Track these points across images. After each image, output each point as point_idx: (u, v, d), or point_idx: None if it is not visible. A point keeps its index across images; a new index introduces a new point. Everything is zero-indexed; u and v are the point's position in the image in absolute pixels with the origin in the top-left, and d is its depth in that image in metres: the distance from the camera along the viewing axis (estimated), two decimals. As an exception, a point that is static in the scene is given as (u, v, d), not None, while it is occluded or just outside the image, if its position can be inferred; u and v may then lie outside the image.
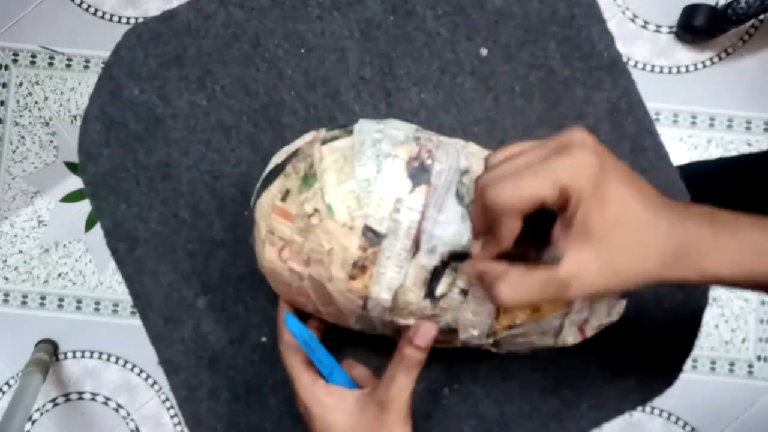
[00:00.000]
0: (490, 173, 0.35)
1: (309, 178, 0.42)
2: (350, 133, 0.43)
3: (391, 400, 0.42)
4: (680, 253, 0.34)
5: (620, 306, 0.45)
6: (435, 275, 0.40)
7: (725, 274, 0.35)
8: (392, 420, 0.42)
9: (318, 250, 0.41)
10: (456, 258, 0.40)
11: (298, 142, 0.46)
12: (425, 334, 0.42)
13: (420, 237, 0.40)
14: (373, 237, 0.40)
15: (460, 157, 0.42)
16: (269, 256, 0.44)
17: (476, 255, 0.39)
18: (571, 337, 0.44)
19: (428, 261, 0.40)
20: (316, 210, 0.41)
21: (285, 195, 0.43)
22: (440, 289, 0.41)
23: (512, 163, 0.35)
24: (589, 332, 0.45)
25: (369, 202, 0.40)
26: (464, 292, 0.41)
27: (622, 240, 0.34)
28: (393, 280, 0.40)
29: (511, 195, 0.33)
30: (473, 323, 0.42)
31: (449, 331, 0.43)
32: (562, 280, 0.34)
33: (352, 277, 0.41)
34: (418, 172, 0.40)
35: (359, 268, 0.40)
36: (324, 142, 0.43)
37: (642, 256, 0.34)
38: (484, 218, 0.36)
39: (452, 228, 0.40)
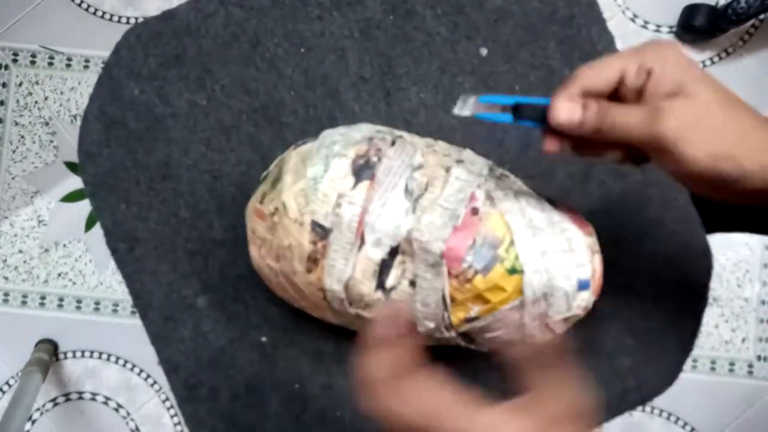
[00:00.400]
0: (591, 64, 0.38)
1: (276, 180, 0.45)
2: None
3: (579, 406, 0.32)
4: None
5: (582, 299, 0.44)
6: (383, 267, 0.43)
7: None
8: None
9: (282, 245, 0.44)
10: (397, 252, 0.42)
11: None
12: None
13: (363, 230, 0.42)
14: (320, 231, 0.43)
15: (415, 154, 0.44)
16: (253, 254, 0.48)
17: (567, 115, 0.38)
18: (538, 333, 0.45)
19: (374, 253, 0.42)
20: (276, 209, 0.44)
21: (262, 197, 0.46)
22: (390, 281, 0.43)
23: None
24: (557, 328, 0.45)
25: (315, 199, 0.43)
26: (413, 283, 0.43)
27: (722, 121, 0.36)
28: (342, 272, 0.43)
29: (600, 66, 0.37)
30: (425, 315, 0.43)
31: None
32: (667, 132, 0.35)
33: (308, 270, 0.44)
34: (362, 169, 0.43)
35: (312, 261, 0.43)
36: (296, 146, 0.47)
37: (748, 145, 0.35)
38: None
39: (394, 221, 0.42)
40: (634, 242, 0.55)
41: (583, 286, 0.44)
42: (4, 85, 1.31)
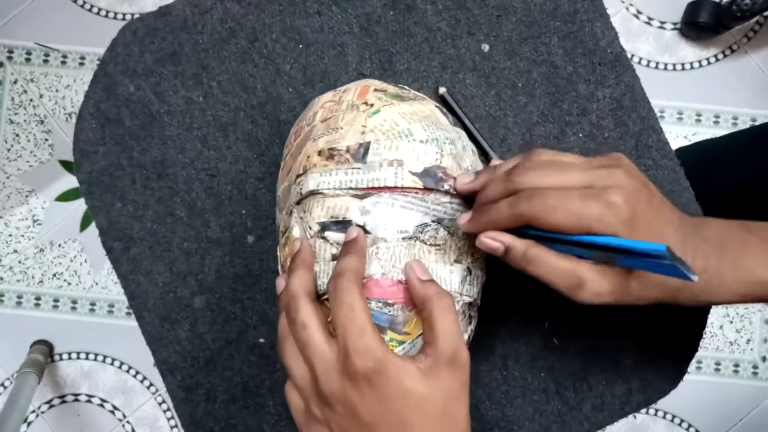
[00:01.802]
0: (531, 180, 0.38)
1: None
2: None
3: (458, 351, 0.37)
4: (684, 284, 0.39)
5: None
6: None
7: (721, 301, 0.41)
8: (465, 373, 0.38)
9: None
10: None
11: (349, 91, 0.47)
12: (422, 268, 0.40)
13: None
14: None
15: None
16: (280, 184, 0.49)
17: (465, 225, 0.41)
18: None
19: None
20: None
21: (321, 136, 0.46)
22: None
23: (553, 180, 0.38)
24: None
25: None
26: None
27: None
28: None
29: (537, 216, 0.36)
30: None
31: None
32: (580, 278, 0.38)
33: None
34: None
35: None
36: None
37: (656, 286, 0.39)
38: (499, 199, 0.39)
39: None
40: (639, 241, 0.54)
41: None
42: (-1, 83, 1.30)
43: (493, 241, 0.39)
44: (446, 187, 0.42)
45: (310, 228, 0.42)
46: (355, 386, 0.35)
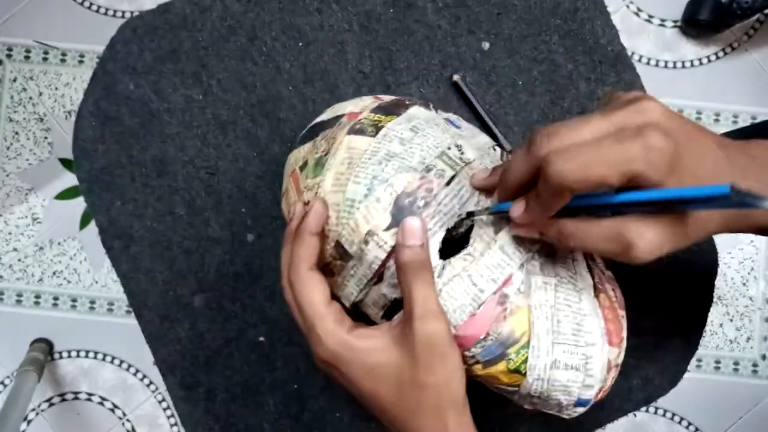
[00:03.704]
0: (553, 144, 0.33)
1: (320, 164, 0.41)
2: (378, 131, 0.41)
3: (424, 313, 0.36)
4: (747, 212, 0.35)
5: (576, 411, 0.42)
6: (395, 304, 0.40)
7: None
8: (438, 338, 0.37)
9: None
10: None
11: (357, 103, 0.45)
12: (412, 229, 0.37)
13: (384, 272, 0.39)
14: (342, 252, 0.40)
15: (470, 199, 0.39)
16: (282, 207, 0.46)
17: (518, 217, 0.36)
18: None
19: (389, 292, 0.40)
20: (308, 202, 0.41)
21: (304, 165, 0.43)
22: (398, 317, 0.39)
23: (578, 136, 0.32)
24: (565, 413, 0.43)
25: (345, 224, 0.39)
26: None
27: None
28: (351, 294, 0.41)
29: (576, 177, 0.31)
30: None
31: None
32: (628, 240, 0.32)
33: (321, 272, 0.41)
34: (403, 211, 0.38)
35: (329, 270, 0.41)
36: (352, 130, 0.42)
37: (712, 220, 0.34)
38: (528, 179, 0.34)
39: None
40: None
41: (581, 403, 0.41)
42: (-2, 81, 1.30)
43: (527, 231, 0.37)
44: (423, 202, 0.39)
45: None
46: (329, 369, 0.39)
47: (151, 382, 1.30)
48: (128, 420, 1.30)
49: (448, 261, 0.38)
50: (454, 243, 0.40)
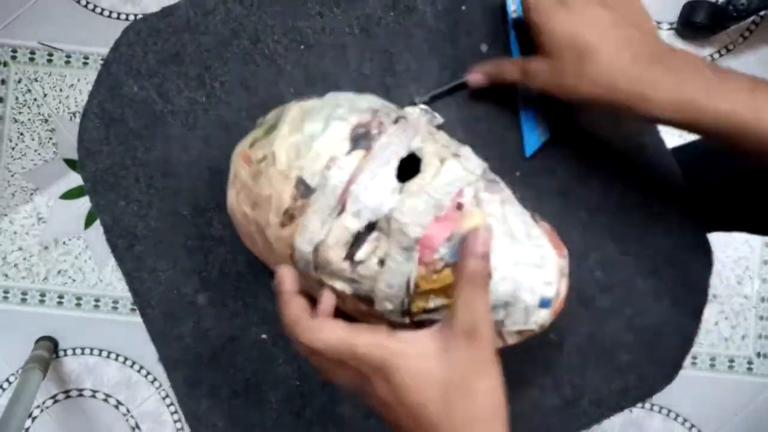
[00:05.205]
0: None
1: (271, 129, 0.45)
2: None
3: (478, 325, 0.37)
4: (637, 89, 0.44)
5: (540, 316, 0.44)
6: (357, 239, 0.42)
7: (654, 112, 0.44)
8: (485, 348, 0.37)
9: (261, 194, 0.44)
10: (374, 228, 0.42)
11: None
12: (485, 239, 0.39)
13: (346, 198, 0.41)
14: (304, 189, 0.42)
15: (416, 137, 0.44)
16: (230, 199, 0.47)
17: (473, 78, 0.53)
18: None
19: (351, 223, 0.42)
20: (264, 156, 0.44)
21: (253, 142, 0.46)
22: (360, 255, 0.42)
23: None
24: (509, 339, 0.45)
25: (306, 155, 0.42)
26: (382, 262, 0.42)
27: (572, 63, 0.45)
28: (315, 234, 0.42)
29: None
30: (387, 296, 0.43)
31: (367, 300, 0.44)
32: (527, 69, 0.48)
33: (282, 225, 0.43)
34: (360, 138, 0.42)
35: (289, 216, 0.43)
36: (299, 100, 0.47)
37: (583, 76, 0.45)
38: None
39: (379, 197, 0.41)
40: (635, 239, 0.55)
41: (544, 303, 0.44)
42: (2, 82, 1.31)
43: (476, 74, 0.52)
44: (377, 131, 0.43)
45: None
46: (368, 385, 0.38)
47: (155, 379, 1.31)
48: (132, 416, 1.31)
49: (405, 183, 0.42)
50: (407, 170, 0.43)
